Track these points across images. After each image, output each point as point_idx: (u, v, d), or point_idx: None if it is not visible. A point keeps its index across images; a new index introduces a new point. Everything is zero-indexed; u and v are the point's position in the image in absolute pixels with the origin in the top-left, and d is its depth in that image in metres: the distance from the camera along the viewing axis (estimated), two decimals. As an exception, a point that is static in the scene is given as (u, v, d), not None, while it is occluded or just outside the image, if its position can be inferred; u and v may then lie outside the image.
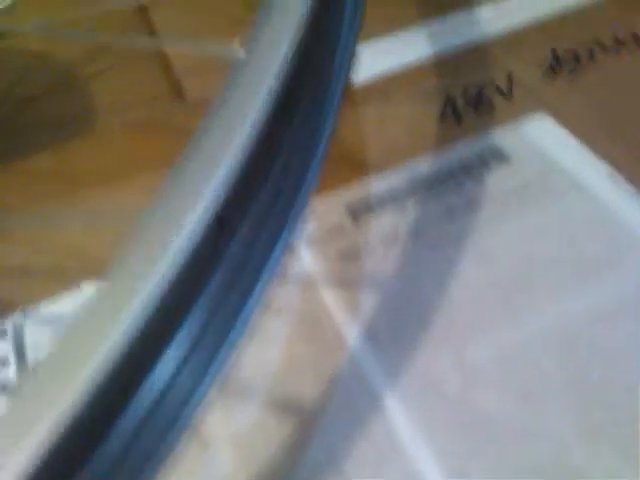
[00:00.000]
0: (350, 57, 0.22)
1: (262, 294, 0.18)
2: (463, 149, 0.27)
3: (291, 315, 0.22)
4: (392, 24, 0.34)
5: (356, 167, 0.28)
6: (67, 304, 0.24)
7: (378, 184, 0.26)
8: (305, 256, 0.24)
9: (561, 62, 0.30)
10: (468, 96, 0.29)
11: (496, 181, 0.26)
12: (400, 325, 0.22)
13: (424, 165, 0.27)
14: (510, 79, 0.30)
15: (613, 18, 0.32)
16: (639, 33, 0.31)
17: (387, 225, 0.25)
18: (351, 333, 0.22)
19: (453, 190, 0.26)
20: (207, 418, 0.20)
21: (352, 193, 0.26)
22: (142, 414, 0.14)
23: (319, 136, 0.20)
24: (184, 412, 0.15)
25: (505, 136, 0.27)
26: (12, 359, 0.23)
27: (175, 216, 0.15)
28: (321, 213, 0.26)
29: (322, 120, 0.20)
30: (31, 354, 0.23)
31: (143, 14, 0.40)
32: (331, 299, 0.23)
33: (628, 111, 0.28)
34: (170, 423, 0.15)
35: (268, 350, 0.21)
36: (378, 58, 0.32)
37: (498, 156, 0.27)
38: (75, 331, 0.13)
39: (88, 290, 0.25)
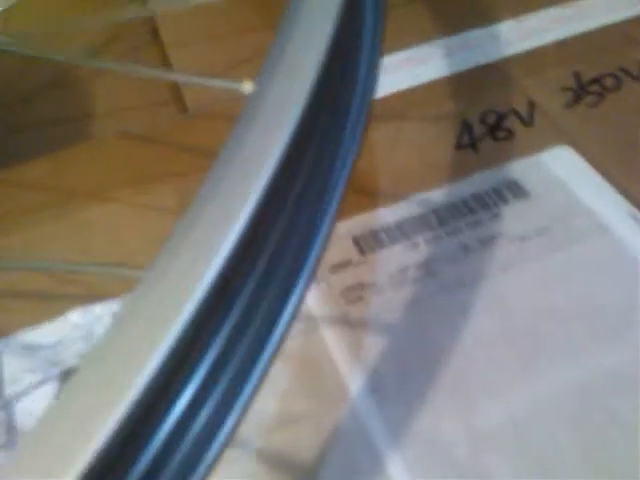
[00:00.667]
0: (370, 88, 0.20)
1: (281, 336, 0.17)
2: (479, 181, 0.26)
3: (291, 360, 0.21)
4: (407, 38, 0.32)
5: (365, 194, 0.26)
6: (49, 332, 0.23)
7: (388, 215, 0.25)
8: (308, 293, 0.23)
9: (585, 89, 0.28)
10: (486, 122, 0.28)
11: (514, 218, 0.24)
12: (407, 376, 0.20)
13: (438, 196, 0.25)
14: (531, 106, 0.28)
15: (638, 42, 0.31)
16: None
17: (396, 262, 0.23)
18: (354, 382, 0.20)
19: (468, 227, 0.24)
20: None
21: (360, 224, 0.25)
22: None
23: (337, 174, 0.18)
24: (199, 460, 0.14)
25: (524, 168, 0.26)
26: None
27: (190, 264, 0.13)
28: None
29: (340, 156, 0.18)
30: (9, 386, 0.22)
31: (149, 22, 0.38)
32: (334, 342, 0.21)
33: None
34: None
35: (265, 400, 0.20)
36: (392, 75, 0.30)
37: (517, 190, 0.25)
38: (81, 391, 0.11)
39: (73, 318, 0.23)
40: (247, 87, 0.16)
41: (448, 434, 0.19)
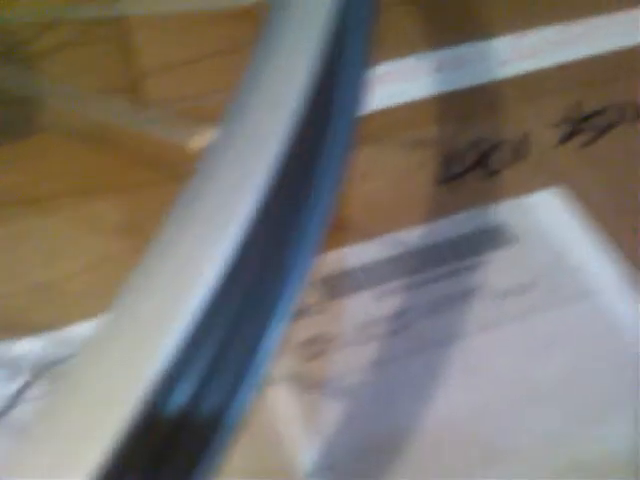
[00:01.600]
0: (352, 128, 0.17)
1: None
2: (461, 222, 0.23)
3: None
4: (391, 48, 0.29)
5: (333, 229, 0.23)
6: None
7: (357, 256, 0.22)
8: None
9: (582, 123, 0.26)
10: (473, 153, 0.25)
11: (496, 271, 0.22)
12: (367, 454, 0.18)
13: (413, 237, 0.23)
14: (524, 138, 0.25)
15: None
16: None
17: (363, 312, 0.21)
18: (306, 457, 0.18)
19: (445, 276, 0.22)
20: None
21: (326, 264, 0.22)
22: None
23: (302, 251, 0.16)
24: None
25: (511, 211, 0.23)
26: None
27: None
28: (287, 286, 0.22)
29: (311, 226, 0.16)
30: None
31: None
32: (286, 406, 0.19)
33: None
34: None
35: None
36: (372, 90, 0.27)
37: (501, 237, 0.23)
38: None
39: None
40: (200, 139, 0.13)
41: (406, 530, 0.17)
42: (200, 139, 0.13)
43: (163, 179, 0.25)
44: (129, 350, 0.10)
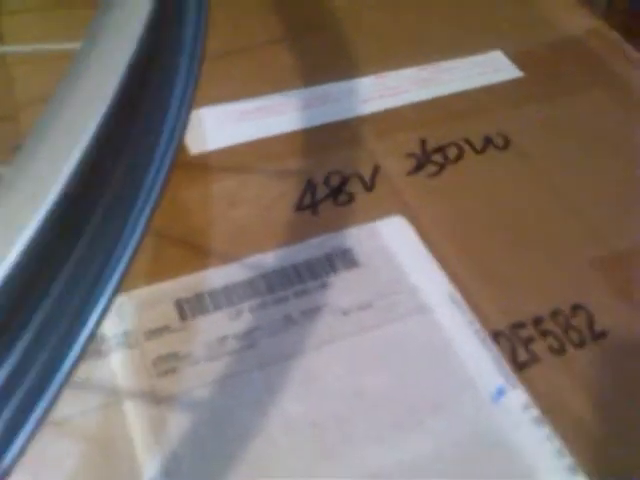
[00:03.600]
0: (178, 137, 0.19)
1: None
2: (314, 246, 0.25)
3: (84, 439, 0.20)
4: (261, 84, 0.31)
5: (196, 252, 0.25)
6: None
7: (216, 278, 0.24)
8: (115, 362, 0.22)
9: (428, 157, 0.29)
10: (330, 184, 0.27)
11: (340, 290, 0.24)
12: (205, 461, 0.20)
13: (270, 260, 0.25)
14: (375, 170, 0.28)
15: (486, 112, 0.32)
16: (508, 134, 0.31)
17: (216, 331, 0.23)
18: (150, 467, 0.19)
19: (295, 296, 0.24)
20: None
21: (186, 286, 0.24)
22: None
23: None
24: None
25: (358, 236, 0.26)
26: None
27: None
28: (145, 307, 0.23)
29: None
30: None
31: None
32: (135, 420, 0.20)
33: (482, 226, 0.27)
34: None
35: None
36: (240, 123, 0.29)
37: (348, 259, 0.25)
38: None
39: None
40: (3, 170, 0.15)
41: (236, 528, 0.19)
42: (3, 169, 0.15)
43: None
44: None
